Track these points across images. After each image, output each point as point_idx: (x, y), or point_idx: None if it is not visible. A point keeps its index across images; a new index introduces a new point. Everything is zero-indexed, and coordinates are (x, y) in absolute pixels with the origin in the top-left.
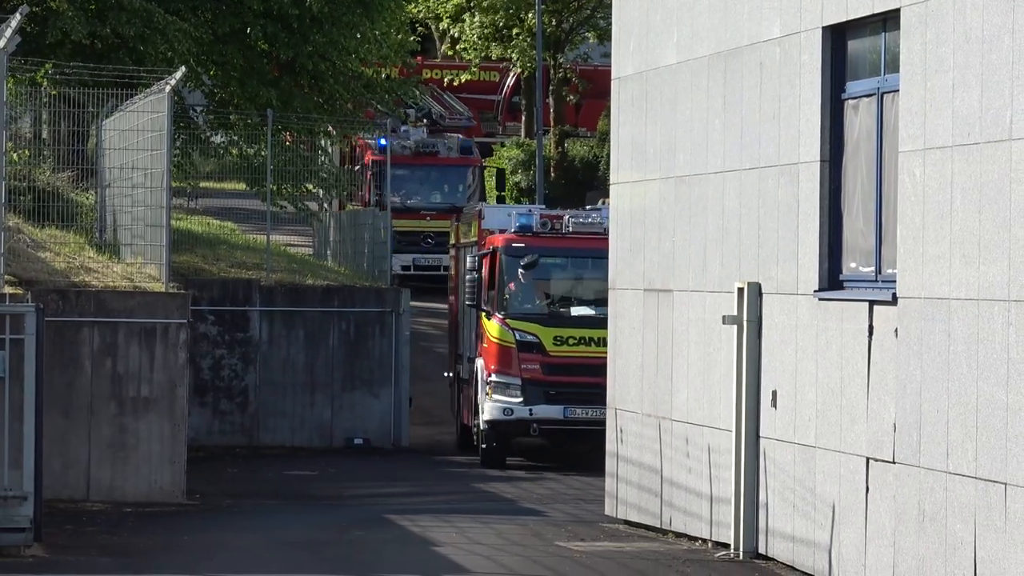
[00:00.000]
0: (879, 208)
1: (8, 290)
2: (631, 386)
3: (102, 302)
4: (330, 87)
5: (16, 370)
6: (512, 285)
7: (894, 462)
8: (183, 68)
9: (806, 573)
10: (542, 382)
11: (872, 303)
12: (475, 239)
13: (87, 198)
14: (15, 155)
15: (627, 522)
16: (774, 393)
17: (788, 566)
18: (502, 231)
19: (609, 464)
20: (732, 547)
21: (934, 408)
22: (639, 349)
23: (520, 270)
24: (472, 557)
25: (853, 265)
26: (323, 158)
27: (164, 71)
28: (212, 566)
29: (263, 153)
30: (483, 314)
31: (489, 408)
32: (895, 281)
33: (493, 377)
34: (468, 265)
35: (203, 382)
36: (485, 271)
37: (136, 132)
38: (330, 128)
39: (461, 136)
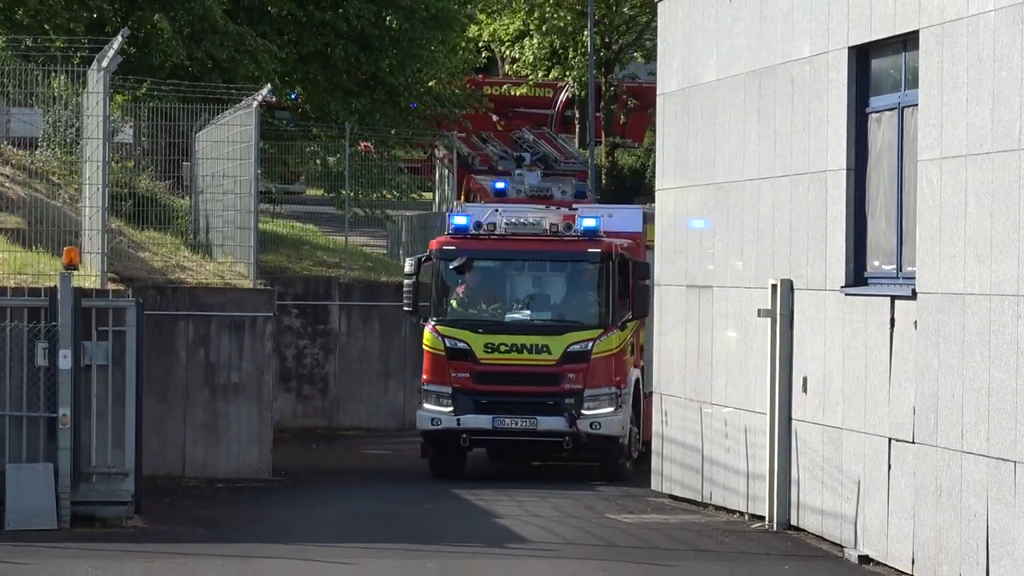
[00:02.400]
0: (900, 211)
1: (111, 287)
2: (674, 373)
3: (196, 297)
4: (405, 100)
5: (118, 359)
6: (444, 290)
7: (913, 442)
8: (268, 85)
9: (834, 543)
10: (472, 391)
11: (894, 298)
12: None
13: (182, 203)
14: (117, 165)
15: (671, 496)
16: (805, 379)
17: (818, 536)
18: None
19: (655, 444)
20: (767, 519)
21: (950, 393)
22: (682, 340)
23: (454, 274)
24: (531, 528)
25: (876, 263)
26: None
27: (252, 88)
28: (296, 536)
29: (341, 164)
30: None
31: (419, 418)
32: (914, 278)
33: (425, 386)
34: (406, 269)
35: (287, 370)
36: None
37: (226, 143)
38: (403, 139)
39: (576, 179)
